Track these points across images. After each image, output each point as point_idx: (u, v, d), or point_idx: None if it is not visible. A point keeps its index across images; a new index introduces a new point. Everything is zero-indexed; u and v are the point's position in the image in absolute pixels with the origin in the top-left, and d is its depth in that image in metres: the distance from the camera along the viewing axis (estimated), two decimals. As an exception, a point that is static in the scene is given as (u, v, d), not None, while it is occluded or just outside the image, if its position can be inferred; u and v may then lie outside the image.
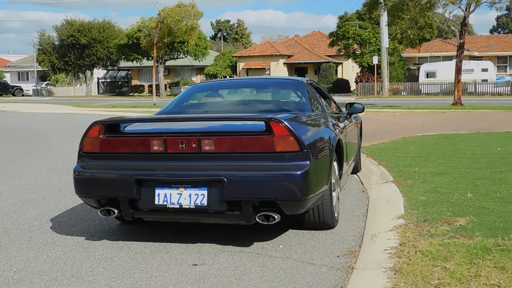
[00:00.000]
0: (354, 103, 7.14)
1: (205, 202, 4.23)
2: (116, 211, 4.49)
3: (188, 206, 4.27)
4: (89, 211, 5.87)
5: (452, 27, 26.26)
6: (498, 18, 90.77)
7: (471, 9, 24.16)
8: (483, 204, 5.25)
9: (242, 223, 4.39)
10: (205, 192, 4.24)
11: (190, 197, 4.27)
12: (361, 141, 8.24)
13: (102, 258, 4.30)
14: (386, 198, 5.92)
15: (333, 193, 4.97)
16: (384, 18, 33.03)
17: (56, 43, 57.50)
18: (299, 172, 4.12)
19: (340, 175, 5.48)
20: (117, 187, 4.44)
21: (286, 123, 4.19)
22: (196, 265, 4.09)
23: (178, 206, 4.29)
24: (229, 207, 4.24)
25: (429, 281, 3.38)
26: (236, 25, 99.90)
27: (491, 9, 26.43)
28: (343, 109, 7.20)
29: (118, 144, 4.54)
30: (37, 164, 9.45)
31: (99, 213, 4.59)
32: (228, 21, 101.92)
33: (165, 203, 4.31)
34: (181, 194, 4.29)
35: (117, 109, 28.93)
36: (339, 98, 9.93)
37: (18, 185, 7.52)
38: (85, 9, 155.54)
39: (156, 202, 4.33)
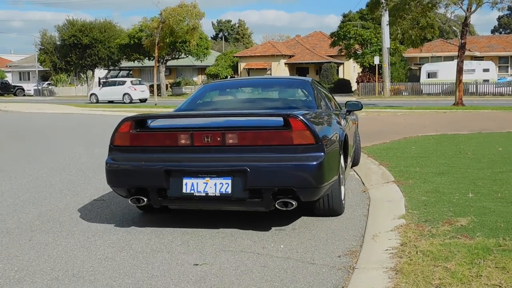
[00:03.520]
0: (352, 102, 7.50)
1: (229, 190, 4.62)
2: (145, 199, 4.86)
3: (214, 194, 4.65)
4: (90, 211, 5.87)
5: (454, 27, 26.24)
6: (499, 18, 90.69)
7: (473, 9, 24.13)
8: (484, 204, 5.24)
9: (261, 209, 4.79)
10: (229, 181, 4.63)
11: (216, 186, 4.65)
12: (359, 136, 8.62)
13: (103, 257, 4.30)
14: (387, 198, 5.92)
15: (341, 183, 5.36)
16: (385, 18, 33.05)
17: (58, 43, 57.49)
18: (314, 163, 4.54)
19: (345, 167, 5.91)
20: (148, 177, 4.81)
21: (303, 118, 4.61)
22: (197, 265, 4.09)
23: (204, 194, 4.67)
24: (250, 194, 4.63)
25: (430, 281, 3.38)
26: (237, 25, 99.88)
27: (492, 9, 26.43)
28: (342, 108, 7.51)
29: (148, 138, 4.92)
30: (38, 164, 9.45)
31: (129, 202, 4.98)
32: (229, 21, 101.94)
33: (192, 191, 4.69)
34: (207, 183, 4.68)
35: (118, 108, 28.94)
36: (341, 98, 9.92)
37: (19, 184, 7.53)
38: (87, 9, 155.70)
39: (184, 191, 4.71)
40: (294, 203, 4.62)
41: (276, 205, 4.65)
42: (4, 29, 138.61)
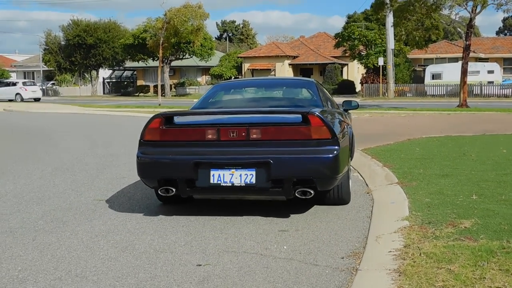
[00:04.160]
0: (349, 101, 8.01)
1: (253, 180, 5.06)
2: (174, 189, 5.23)
3: (239, 184, 5.07)
4: (94, 211, 5.88)
5: (458, 29, 26.21)
6: (504, 20, 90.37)
7: (477, 10, 24.08)
8: (488, 207, 5.23)
9: (281, 198, 5.26)
10: (254, 172, 5.06)
11: (241, 177, 5.08)
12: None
13: (107, 258, 4.31)
14: (391, 200, 5.91)
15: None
16: (389, 19, 32.97)
17: (62, 43, 57.56)
18: (331, 155, 5.02)
19: (350, 160, 6.38)
20: (178, 169, 5.20)
21: (320, 115, 5.10)
22: (200, 265, 4.09)
23: (230, 184, 5.09)
24: (273, 184, 5.05)
25: (433, 283, 3.37)
26: (241, 25, 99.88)
27: (497, 11, 26.48)
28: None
29: (177, 133, 5.34)
30: (42, 164, 9.47)
31: (159, 192, 5.33)
32: (233, 22, 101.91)
33: (219, 182, 5.12)
34: (232, 174, 5.10)
35: (122, 109, 28.97)
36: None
37: (23, 184, 7.55)
38: (91, 9, 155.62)
39: (212, 181, 5.13)
40: (312, 192, 5.05)
41: (296, 194, 5.07)
42: (9, 29, 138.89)
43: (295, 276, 3.83)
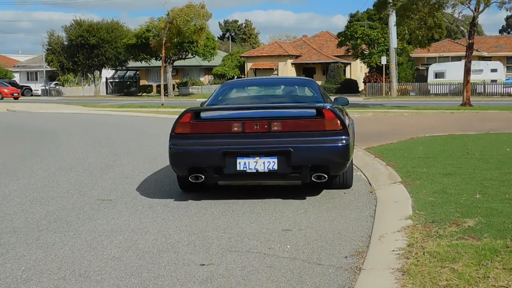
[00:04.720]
0: (340, 98, 8.35)
1: (275, 167, 5.76)
2: (203, 176, 5.86)
3: (263, 170, 5.77)
4: (97, 211, 5.89)
5: (461, 27, 26.16)
6: (507, 18, 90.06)
7: (480, 9, 24.02)
8: (491, 205, 5.22)
9: (297, 183, 6.07)
10: (276, 160, 5.75)
11: (264, 164, 5.77)
12: None
13: (110, 257, 4.31)
14: (394, 199, 5.90)
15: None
16: (392, 18, 32.91)
17: (65, 43, 57.64)
18: (342, 144, 5.77)
19: None
20: (207, 158, 5.85)
21: (333, 109, 5.93)
22: (203, 265, 4.09)
23: (255, 171, 5.78)
24: (292, 170, 5.76)
25: (437, 282, 3.36)
26: (244, 25, 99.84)
27: (500, 9, 26.44)
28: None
29: (206, 127, 6.00)
30: (46, 164, 9.49)
31: (189, 179, 5.95)
32: (236, 21, 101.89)
33: (244, 169, 5.79)
34: (257, 162, 5.78)
35: (125, 109, 29.00)
36: (348, 99, 9.76)
37: (26, 184, 7.56)
38: (94, 9, 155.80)
39: (238, 169, 5.80)
40: (326, 176, 5.78)
41: (312, 178, 5.78)
42: (12, 29, 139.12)
43: (299, 275, 3.83)
